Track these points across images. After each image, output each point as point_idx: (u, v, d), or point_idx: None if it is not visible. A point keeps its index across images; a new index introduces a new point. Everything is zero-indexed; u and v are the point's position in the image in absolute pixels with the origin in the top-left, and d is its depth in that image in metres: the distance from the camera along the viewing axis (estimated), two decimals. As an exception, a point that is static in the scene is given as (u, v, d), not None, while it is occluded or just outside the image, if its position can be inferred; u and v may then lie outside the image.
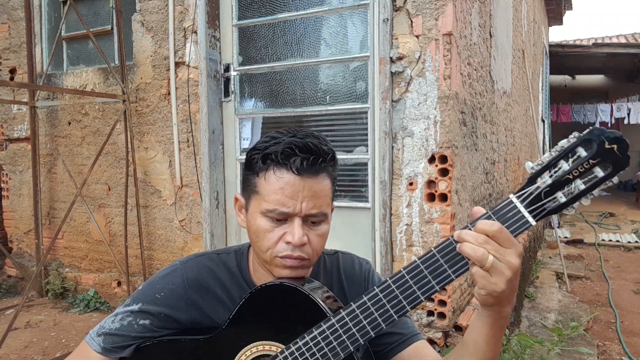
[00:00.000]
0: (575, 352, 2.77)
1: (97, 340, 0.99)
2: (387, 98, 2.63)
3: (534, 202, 0.76)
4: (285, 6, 3.05)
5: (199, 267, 1.01)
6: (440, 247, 0.80)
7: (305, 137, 0.89)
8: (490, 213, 0.78)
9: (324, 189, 0.90)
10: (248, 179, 0.93)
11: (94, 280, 3.80)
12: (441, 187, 2.56)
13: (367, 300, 0.83)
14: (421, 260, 0.81)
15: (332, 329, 0.85)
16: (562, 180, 0.75)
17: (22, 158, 4.14)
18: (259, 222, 0.90)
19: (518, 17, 4.92)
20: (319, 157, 0.88)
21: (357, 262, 1.09)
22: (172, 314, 0.98)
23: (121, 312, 0.99)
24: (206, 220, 3.20)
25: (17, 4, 4.04)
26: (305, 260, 0.91)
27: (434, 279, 0.80)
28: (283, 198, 0.87)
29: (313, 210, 0.89)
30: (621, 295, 4.32)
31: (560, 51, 8.87)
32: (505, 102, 4.24)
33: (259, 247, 0.92)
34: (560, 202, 0.76)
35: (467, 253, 0.76)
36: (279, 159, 0.87)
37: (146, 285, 1.02)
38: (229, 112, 3.28)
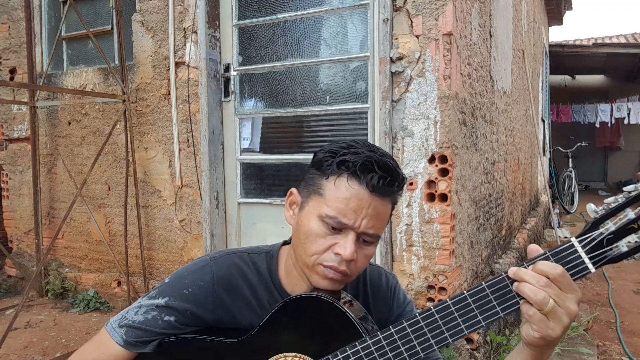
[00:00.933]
0: (575, 352, 2.77)
1: (119, 332, 0.96)
2: (387, 98, 2.63)
3: (596, 248, 0.74)
4: (285, 6, 3.05)
5: (229, 266, 0.98)
6: (491, 282, 0.78)
7: (384, 156, 0.87)
8: (549, 254, 0.76)
9: (386, 212, 0.88)
10: (313, 178, 0.90)
11: (94, 280, 3.80)
12: (441, 187, 2.56)
13: (407, 326, 0.81)
14: (469, 293, 0.79)
15: (367, 350, 0.82)
16: (627, 229, 0.73)
17: (22, 158, 4.14)
18: (313, 225, 0.87)
19: (518, 17, 4.92)
20: (395, 180, 0.87)
21: (384, 276, 1.07)
22: (199, 312, 0.95)
23: (145, 305, 0.96)
24: (206, 220, 3.20)
25: (17, 4, 4.04)
26: (346, 277, 0.88)
27: (480, 314, 0.78)
28: (347, 209, 0.84)
29: (370, 230, 0.86)
30: (621, 295, 4.32)
31: (560, 51, 8.87)
32: (505, 102, 4.24)
33: (304, 249, 0.89)
34: (621, 251, 0.74)
35: (527, 294, 0.73)
36: (357, 170, 0.84)
37: (174, 278, 0.98)
38: (229, 112, 3.28)
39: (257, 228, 3.25)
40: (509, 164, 4.42)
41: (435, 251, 2.59)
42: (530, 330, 0.75)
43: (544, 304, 0.72)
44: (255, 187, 3.29)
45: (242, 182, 3.29)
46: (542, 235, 6.53)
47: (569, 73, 11.38)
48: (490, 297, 0.78)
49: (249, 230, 3.29)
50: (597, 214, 0.75)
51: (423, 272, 2.62)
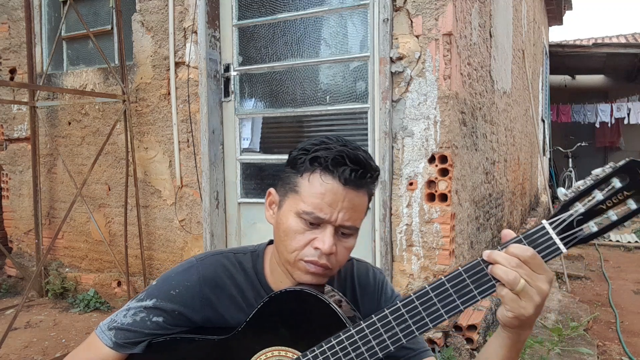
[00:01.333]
0: (575, 352, 2.77)
1: (108, 334, 0.97)
2: (387, 98, 2.63)
3: (566, 229, 0.77)
4: (285, 6, 3.05)
5: (215, 266, 1.00)
6: (467, 266, 0.80)
7: (355, 150, 0.89)
8: (521, 237, 0.79)
9: (361, 203, 0.91)
10: (288, 176, 0.92)
11: (94, 280, 3.80)
12: (441, 187, 2.56)
13: (388, 314, 0.83)
14: (447, 279, 0.81)
15: (351, 340, 0.84)
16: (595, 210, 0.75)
17: (22, 158, 4.14)
18: (291, 222, 0.89)
19: (518, 17, 4.92)
20: (367, 171, 0.89)
21: (371, 271, 1.08)
22: (186, 312, 0.97)
23: (134, 307, 0.98)
24: (206, 220, 3.20)
25: (17, 4, 4.04)
26: (328, 270, 0.90)
27: (459, 299, 0.80)
28: (322, 203, 0.87)
29: (347, 222, 0.88)
30: (621, 295, 4.32)
31: (560, 51, 8.87)
32: (505, 102, 4.24)
33: (285, 246, 0.91)
34: (591, 231, 0.76)
35: (499, 275, 0.76)
36: (328, 165, 0.87)
37: (161, 280, 1.00)
38: (229, 112, 3.28)
39: (257, 228, 3.25)
40: (509, 164, 4.42)
41: (435, 251, 2.59)
42: (504, 310, 0.78)
43: (515, 283, 0.75)
44: (255, 187, 3.29)
45: (242, 182, 3.29)
46: (542, 235, 6.52)
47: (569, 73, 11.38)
48: (468, 282, 0.80)
49: (249, 230, 3.29)
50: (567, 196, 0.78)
51: (423, 272, 2.62)
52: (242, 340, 0.92)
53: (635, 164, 0.74)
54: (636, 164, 0.74)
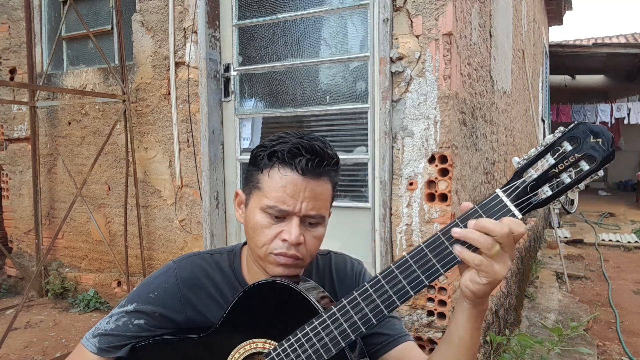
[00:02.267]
0: (575, 352, 2.77)
1: (92, 342, 1.00)
2: (387, 98, 2.63)
3: (520, 196, 0.78)
4: (285, 6, 3.05)
5: (192, 266, 1.02)
6: (428, 242, 0.81)
7: (312, 140, 0.92)
8: (477, 207, 0.80)
9: (324, 192, 0.92)
10: (251, 174, 0.95)
11: (94, 280, 3.80)
12: (441, 187, 2.56)
13: (357, 295, 0.84)
14: (410, 255, 0.82)
15: (324, 324, 0.85)
16: (548, 174, 0.76)
17: (22, 158, 4.14)
18: (257, 218, 0.92)
19: (518, 17, 4.92)
20: (324, 160, 0.90)
21: (349, 262, 1.10)
22: (167, 313, 0.99)
23: (116, 313, 1.01)
24: (206, 220, 3.20)
25: (17, 4, 4.04)
26: (298, 260, 0.92)
27: (423, 274, 0.81)
28: (284, 196, 0.89)
29: (312, 212, 0.90)
30: (621, 295, 4.32)
31: (560, 51, 8.87)
32: (505, 102, 4.24)
33: (255, 242, 0.93)
34: (546, 195, 0.77)
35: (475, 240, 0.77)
36: (285, 158, 0.89)
37: (140, 285, 1.03)
38: (229, 112, 3.28)
39: (257, 228, 3.24)
40: (509, 164, 4.42)
41: (435, 251, 2.59)
42: (478, 277, 0.78)
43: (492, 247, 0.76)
44: (255, 187, 3.29)
45: (242, 182, 3.29)
46: (542, 235, 6.53)
47: (569, 73, 11.38)
48: (430, 256, 0.81)
49: (249, 230, 3.28)
50: (519, 164, 0.78)
51: (423, 272, 2.62)
52: (220, 335, 0.94)
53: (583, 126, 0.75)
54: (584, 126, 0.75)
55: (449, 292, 2.57)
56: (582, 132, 0.75)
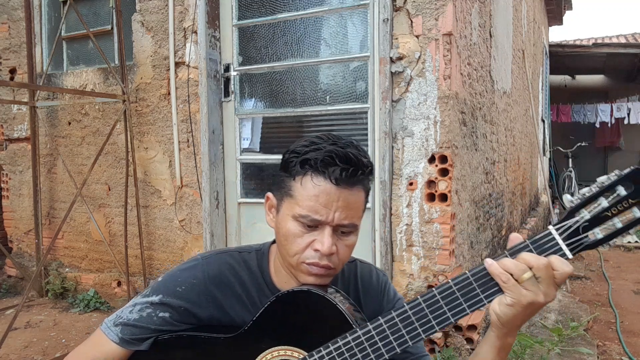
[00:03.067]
0: (575, 352, 2.77)
1: (114, 330, 0.97)
2: (387, 98, 2.63)
3: (572, 235, 0.78)
4: (285, 6, 3.05)
5: (220, 264, 1.00)
6: (474, 270, 0.81)
7: (346, 147, 0.88)
8: (528, 242, 0.80)
9: (357, 201, 0.90)
10: (283, 180, 0.92)
11: (94, 280, 3.80)
12: (441, 187, 2.56)
13: (395, 316, 0.83)
14: (454, 282, 0.81)
15: (357, 341, 0.84)
16: (601, 217, 0.76)
17: (22, 158, 4.14)
18: (290, 226, 0.90)
19: (518, 17, 4.92)
20: (358, 169, 0.87)
21: (374, 273, 1.09)
22: (192, 308, 0.97)
23: (140, 303, 0.97)
24: (206, 220, 3.20)
25: (17, 4, 4.04)
26: (331, 270, 0.91)
27: (466, 302, 0.80)
28: (317, 205, 0.86)
29: (345, 221, 0.88)
30: (621, 295, 4.32)
31: (560, 51, 8.87)
32: (505, 102, 4.24)
33: (286, 250, 0.91)
34: (597, 238, 0.77)
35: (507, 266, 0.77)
36: (318, 166, 0.86)
37: (167, 277, 1.00)
38: (229, 112, 3.28)
39: (257, 228, 3.25)
40: (509, 164, 4.42)
41: (435, 251, 2.59)
42: (503, 298, 0.78)
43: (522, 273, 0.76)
44: (255, 187, 3.29)
45: (242, 182, 3.29)
46: (542, 235, 6.52)
47: (569, 73, 11.37)
48: (474, 285, 0.81)
49: (249, 230, 3.29)
50: (572, 203, 0.79)
51: (423, 272, 2.62)
52: (248, 339, 0.92)
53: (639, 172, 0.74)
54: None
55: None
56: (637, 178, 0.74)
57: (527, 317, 0.79)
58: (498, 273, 0.78)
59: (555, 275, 0.76)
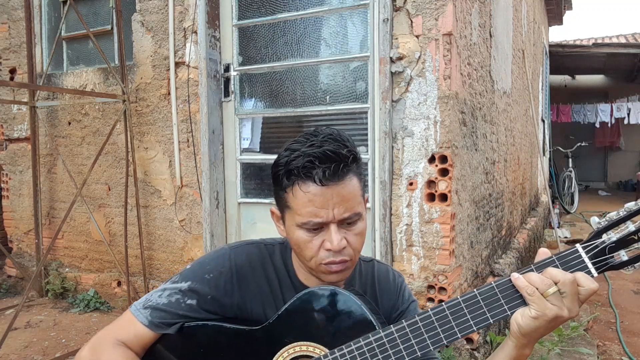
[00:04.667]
0: (575, 352, 2.77)
1: (144, 313, 0.99)
2: (387, 98, 2.63)
3: (598, 255, 0.81)
4: (285, 6, 3.05)
5: (247, 255, 1.03)
6: (499, 282, 0.83)
7: (323, 145, 0.89)
8: (554, 258, 0.83)
9: (352, 190, 0.91)
10: (278, 194, 0.95)
11: (94, 280, 3.80)
12: (441, 187, 2.56)
13: (419, 320, 0.85)
14: (479, 292, 0.83)
15: (379, 342, 0.86)
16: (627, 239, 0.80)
17: (22, 158, 4.14)
18: (297, 235, 0.92)
19: (518, 17, 4.92)
20: (340, 162, 0.89)
21: (391, 273, 1.12)
22: (219, 297, 0.99)
23: (169, 288, 1.00)
24: (206, 220, 3.20)
25: (17, 4, 4.04)
26: (348, 262, 0.93)
27: (489, 312, 0.82)
28: (314, 209, 0.89)
29: (346, 214, 0.90)
30: (621, 295, 4.32)
31: (560, 51, 8.87)
32: (505, 102, 4.24)
33: (302, 257, 0.95)
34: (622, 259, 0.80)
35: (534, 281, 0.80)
36: (302, 174, 0.88)
37: (196, 264, 1.03)
38: (229, 112, 3.28)
39: (257, 228, 3.25)
40: (509, 164, 4.42)
41: (435, 251, 2.59)
42: (527, 310, 0.80)
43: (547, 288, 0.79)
44: (255, 187, 3.29)
45: (242, 182, 3.29)
46: (542, 235, 6.53)
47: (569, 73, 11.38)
48: (499, 296, 0.83)
49: (249, 230, 3.29)
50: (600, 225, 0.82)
51: (423, 272, 2.62)
52: (272, 332, 0.95)
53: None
54: None
55: (449, 292, 2.57)
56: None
57: (548, 331, 0.81)
58: (524, 286, 0.80)
59: (580, 291, 0.79)
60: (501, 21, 3.93)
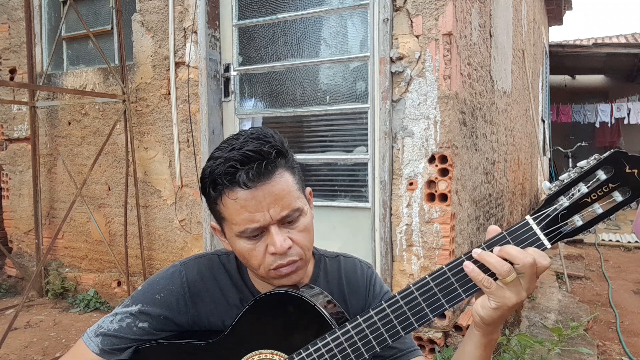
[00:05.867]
0: (575, 352, 2.77)
1: (95, 341, 0.97)
2: (387, 98, 2.63)
3: (551, 224, 0.75)
4: (285, 6, 3.05)
5: (199, 269, 1.00)
6: (451, 264, 0.79)
7: (243, 146, 0.84)
8: (505, 233, 0.77)
9: (284, 186, 0.85)
10: (211, 207, 0.90)
11: (94, 280, 3.80)
12: (441, 187, 2.56)
13: (374, 314, 0.82)
14: (431, 277, 0.79)
15: (337, 341, 0.83)
16: (580, 203, 0.73)
17: (22, 158, 4.14)
18: (239, 245, 0.88)
19: (518, 17, 4.92)
20: (263, 160, 0.83)
21: (359, 266, 1.06)
22: (172, 315, 0.97)
23: (120, 313, 0.98)
24: (206, 220, 3.20)
25: (17, 4, 4.04)
26: (298, 262, 0.89)
27: (444, 297, 0.79)
28: (248, 215, 0.84)
29: (284, 212, 0.85)
30: (621, 295, 4.32)
31: (560, 51, 8.87)
32: (505, 102, 4.24)
33: (250, 267, 0.91)
34: (576, 225, 0.74)
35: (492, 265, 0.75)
36: (225, 182, 0.83)
37: (146, 285, 1.00)
38: (229, 112, 3.28)
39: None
40: (509, 164, 4.42)
41: (435, 251, 2.59)
42: (487, 301, 0.77)
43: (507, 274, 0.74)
44: (255, 187, 3.29)
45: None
46: (542, 235, 6.52)
47: (569, 73, 11.38)
48: (452, 280, 0.79)
49: (249, 230, 3.28)
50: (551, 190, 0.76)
51: (423, 272, 2.62)
52: (228, 343, 0.92)
53: (620, 154, 0.71)
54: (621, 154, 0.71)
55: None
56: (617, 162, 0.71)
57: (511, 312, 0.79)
58: (480, 279, 0.76)
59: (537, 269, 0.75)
60: (501, 21, 3.93)
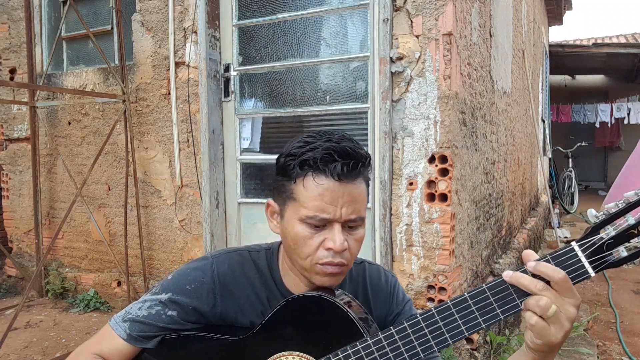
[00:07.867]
0: (575, 352, 2.77)
1: (122, 326, 0.96)
2: (387, 98, 2.63)
3: (596, 252, 0.75)
4: (285, 6, 3.05)
5: (230, 263, 1.00)
6: (492, 284, 0.79)
7: (341, 142, 0.87)
8: (549, 257, 0.77)
9: (361, 193, 0.89)
10: (282, 185, 0.91)
11: (94, 280, 3.80)
12: (441, 187, 2.56)
13: (407, 326, 0.81)
14: (470, 295, 0.79)
15: (368, 350, 0.83)
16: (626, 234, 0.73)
17: (22, 158, 4.14)
18: (298, 229, 0.88)
19: (518, 17, 4.92)
20: (358, 161, 0.87)
21: (383, 274, 1.08)
22: (200, 307, 0.96)
23: (149, 300, 0.97)
24: (206, 220, 3.20)
25: (17, 4, 4.04)
26: (344, 267, 0.90)
27: (481, 316, 0.78)
28: (323, 204, 0.85)
29: (352, 215, 0.87)
30: (621, 295, 4.32)
31: (560, 51, 8.86)
32: (505, 102, 4.24)
33: (297, 254, 0.90)
34: (621, 256, 0.74)
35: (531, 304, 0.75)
36: (319, 165, 0.85)
37: (176, 275, 1.00)
38: (229, 112, 3.28)
39: (257, 228, 3.25)
40: (509, 164, 4.42)
41: (435, 251, 2.59)
42: (533, 337, 0.76)
43: (547, 309, 0.74)
44: (255, 187, 3.29)
45: (242, 182, 3.29)
46: (542, 235, 6.53)
47: (569, 73, 11.38)
48: (491, 300, 0.78)
49: (249, 230, 3.29)
50: (597, 219, 0.76)
51: (423, 272, 2.62)
52: (256, 342, 0.91)
53: None
54: None
55: (448, 292, 2.57)
56: None
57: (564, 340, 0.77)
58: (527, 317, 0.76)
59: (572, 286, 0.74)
60: (501, 21, 3.93)
